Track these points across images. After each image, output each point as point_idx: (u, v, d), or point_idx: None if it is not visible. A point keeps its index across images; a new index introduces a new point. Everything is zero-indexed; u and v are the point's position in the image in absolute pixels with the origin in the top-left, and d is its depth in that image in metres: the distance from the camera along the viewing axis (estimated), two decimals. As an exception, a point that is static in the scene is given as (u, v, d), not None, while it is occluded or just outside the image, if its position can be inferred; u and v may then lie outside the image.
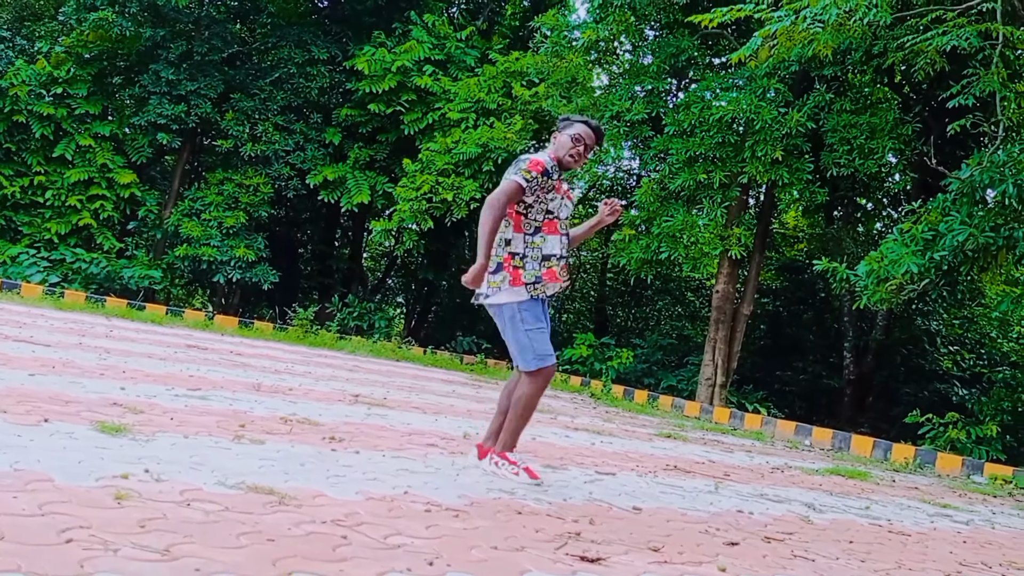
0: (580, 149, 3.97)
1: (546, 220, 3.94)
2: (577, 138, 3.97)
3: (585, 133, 3.99)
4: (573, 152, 3.96)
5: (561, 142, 3.99)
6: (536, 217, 3.92)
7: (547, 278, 3.94)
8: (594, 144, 4.03)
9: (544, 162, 3.87)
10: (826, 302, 19.03)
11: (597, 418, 9.63)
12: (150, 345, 9.04)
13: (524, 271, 3.92)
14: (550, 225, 3.95)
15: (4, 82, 17.50)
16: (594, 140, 4.03)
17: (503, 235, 3.96)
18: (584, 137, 3.98)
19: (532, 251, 3.93)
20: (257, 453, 3.62)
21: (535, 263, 3.92)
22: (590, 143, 4.00)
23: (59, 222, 18.27)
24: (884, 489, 7.03)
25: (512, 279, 3.92)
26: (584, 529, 3.12)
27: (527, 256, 3.92)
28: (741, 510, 4.32)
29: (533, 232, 3.93)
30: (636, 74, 15.34)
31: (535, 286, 3.92)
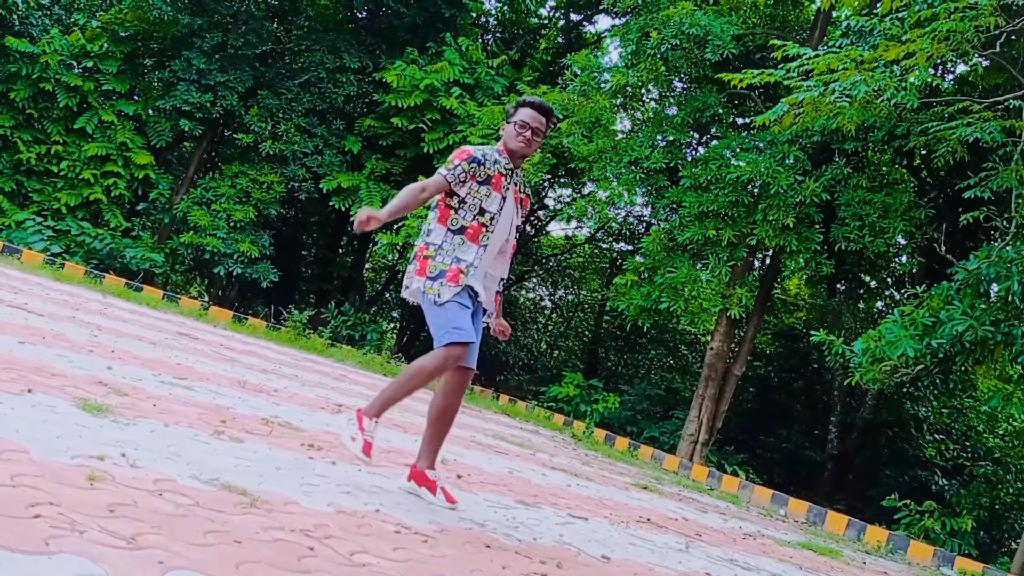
0: (527, 134, 3.72)
1: (473, 223, 3.68)
2: (522, 124, 3.73)
3: (530, 116, 3.74)
4: (520, 139, 3.73)
5: (507, 132, 3.77)
6: (465, 216, 3.69)
7: (449, 277, 3.62)
8: (544, 124, 3.77)
9: (472, 151, 3.69)
10: (818, 373, 19.01)
11: (576, 460, 9.57)
12: (142, 328, 9.02)
13: (432, 261, 3.68)
14: (475, 230, 3.68)
15: (37, 48, 17.66)
16: (542, 120, 3.76)
17: (427, 226, 3.79)
18: (529, 121, 3.73)
19: (448, 246, 3.69)
20: (234, 451, 3.59)
21: (446, 257, 3.67)
22: (537, 125, 3.74)
23: (70, 193, 18.34)
24: (854, 570, 6.97)
25: (419, 268, 3.71)
26: (551, 572, 3.09)
27: (442, 248, 3.69)
28: (709, 573, 4.28)
29: (457, 230, 3.70)
30: (659, 123, 15.48)
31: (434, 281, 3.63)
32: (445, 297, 3.60)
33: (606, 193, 15.95)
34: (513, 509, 4.37)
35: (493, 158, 3.74)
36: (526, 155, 3.79)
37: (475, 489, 4.64)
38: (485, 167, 3.69)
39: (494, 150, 3.78)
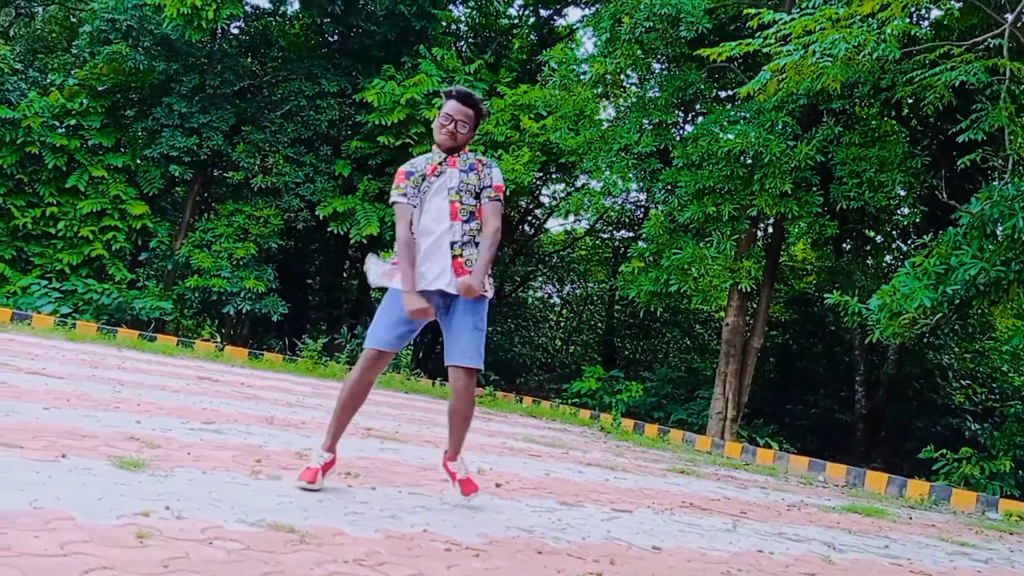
0: (450, 127, 3.78)
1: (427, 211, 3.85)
2: (446, 116, 3.80)
3: (453, 109, 3.78)
4: (443, 132, 3.81)
5: (434, 127, 3.87)
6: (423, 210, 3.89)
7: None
8: (468, 114, 3.80)
9: (404, 168, 3.88)
10: (836, 335, 18.95)
11: (609, 453, 9.55)
12: (162, 377, 9.04)
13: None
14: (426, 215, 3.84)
15: (17, 113, 17.69)
16: (466, 111, 3.80)
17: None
18: (452, 113, 3.78)
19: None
20: (275, 489, 3.59)
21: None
22: (461, 116, 3.78)
23: (71, 253, 18.38)
24: (901, 527, 6.93)
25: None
26: (605, 570, 3.08)
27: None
28: (761, 550, 4.24)
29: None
30: (643, 107, 15.45)
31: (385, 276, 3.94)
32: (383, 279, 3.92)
33: (600, 184, 15.93)
34: (557, 511, 4.36)
35: (421, 162, 3.89)
36: (453, 146, 3.83)
37: (516, 496, 4.63)
38: (416, 173, 3.85)
39: (423, 155, 3.93)
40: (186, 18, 17.46)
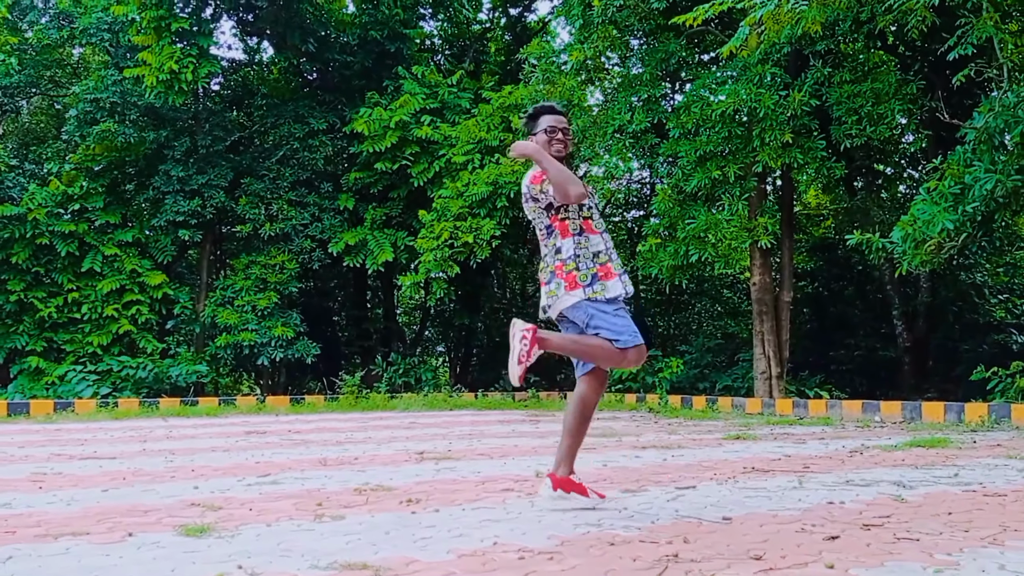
0: (559, 136, 3.96)
1: (583, 220, 3.95)
2: (550, 130, 3.96)
3: (554, 120, 3.99)
4: (553, 140, 3.95)
5: (542, 142, 3.97)
6: (575, 218, 3.94)
7: (603, 275, 3.88)
8: (566, 122, 4.02)
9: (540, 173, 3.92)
10: (865, 274, 18.75)
11: (662, 432, 9.52)
12: (211, 438, 9.13)
13: (579, 272, 3.89)
14: (587, 224, 3.96)
15: (22, 208, 17.89)
16: (563, 120, 4.03)
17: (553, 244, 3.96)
18: (556, 124, 3.98)
19: (582, 251, 3.90)
20: (340, 529, 3.62)
21: (587, 261, 3.90)
22: (561, 125, 3.99)
23: (100, 334, 18.58)
24: (967, 452, 6.86)
25: (567, 284, 3.90)
26: (680, 549, 3.06)
27: (579, 256, 3.90)
28: (831, 501, 4.21)
29: (579, 232, 3.93)
30: (630, 85, 15.39)
31: (592, 288, 3.87)
32: (611, 293, 3.88)
33: (601, 169, 15.88)
34: (621, 499, 4.36)
35: None
36: (565, 156, 4.00)
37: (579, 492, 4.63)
38: None
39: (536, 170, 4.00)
40: (166, 84, 17.64)
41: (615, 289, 3.88)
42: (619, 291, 3.88)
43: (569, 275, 3.88)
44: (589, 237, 3.92)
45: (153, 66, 17.55)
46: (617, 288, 3.88)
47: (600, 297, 3.85)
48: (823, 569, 2.76)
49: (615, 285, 3.88)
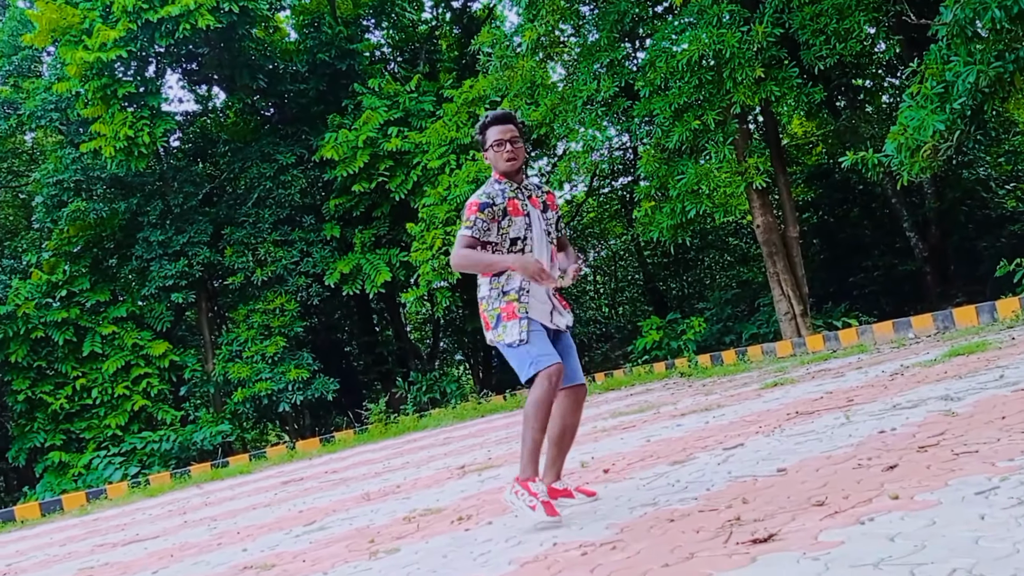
0: (507, 149, 3.70)
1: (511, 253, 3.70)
2: (498, 143, 3.71)
3: (499, 132, 3.72)
4: (505, 158, 3.70)
5: (491, 159, 3.75)
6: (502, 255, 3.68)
7: (505, 316, 3.63)
8: (513, 130, 3.74)
9: (477, 200, 3.65)
10: (867, 193, 18.52)
11: (697, 395, 9.35)
12: (249, 497, 8.98)
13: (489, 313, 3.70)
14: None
15: (9, 306, 17.65)
16: (510, 128, 3.75)
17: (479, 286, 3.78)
18: (501, 136, 3.71)
19: (494, 290, 3.69)
20: (398, 563, 3.49)
21: (495, 301, 3.67)
22: (509, 136, 3.71)
23: (115, 415, 18.37)
24: (1008, 351, 6.70)
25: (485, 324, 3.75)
26: (741, 511, 2.97)
27: (490, 296, 3.70)
28: (882, 430, 4.09)
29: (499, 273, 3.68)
30: (590, 54, 15.15)
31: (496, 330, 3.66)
32: (512, 338, 3.60)
33: (579, 143, 15.71)
34: (671, 473, 4.22)
35: (497, 191, 3.70)
36: (519, 167, 3.77)
37: (627, 474, 4.52)
38: (495, 205, 3.67)
39: (492, 183, 3.74)
40: (125, 152, 17.43)
41: (512, 334, 3.60)
42: (515, 337, 3.58)
43: (483, 316, 3.74)
44: (512, 274, 3.65)
45: (108, 136, 17.34)
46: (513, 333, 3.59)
47: (501, 341, 3.64)
48: (888, 501, 2.67)
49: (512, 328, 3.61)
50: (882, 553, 2.12)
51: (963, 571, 1.88)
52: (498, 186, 3.72)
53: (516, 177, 3.76)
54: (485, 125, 3.77)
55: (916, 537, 2.21)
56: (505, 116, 3.77)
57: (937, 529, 2.25)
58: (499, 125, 3.74)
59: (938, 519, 2.34)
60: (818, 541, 2.38)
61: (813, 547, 2.32)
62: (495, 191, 3.70)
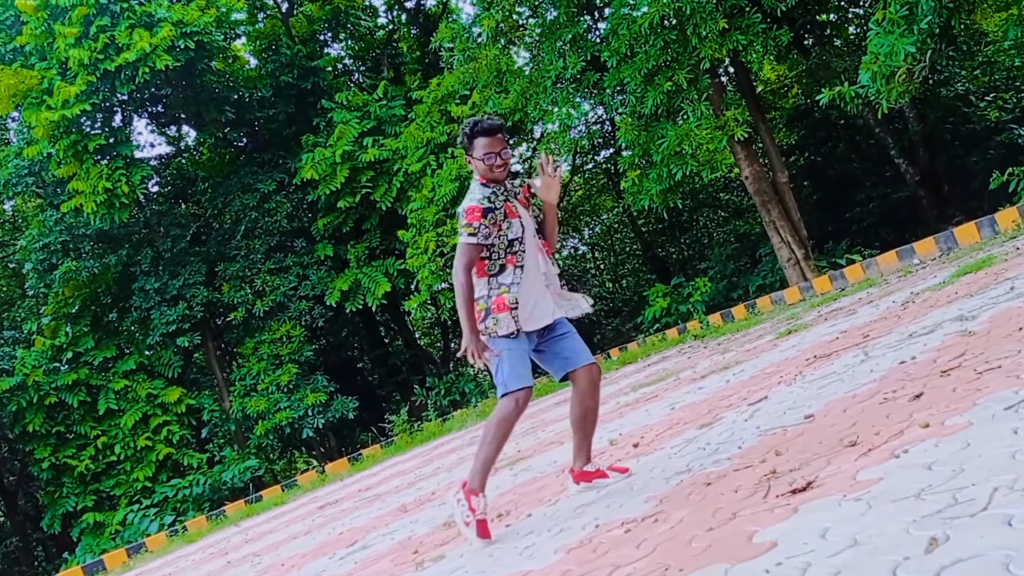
0: (495, 158, 3.64)
1: (507, 257, 3.68)
2: (488, 155, 3.64)
3: (489, 143, 3.65)
4: (493, 167, 3.64)
5: (479, 168, 3.68)
6: (498, 256, 3.67)
7: (495, 307, 3.62)
8: (499, 139, 3.68)
9: (478, 205, 3.60)
10: (850, 127, 18.43)
11: (714, 355, 9.32)
12: (288, 527, 8.98)
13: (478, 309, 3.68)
14: (511, 260, 3.69)
15: (17, 376, 17.64)
16: (496, 136, 3.69)
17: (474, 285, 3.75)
18: (491, 147, 3.65)
19: (492, 290, 3.67)
20: (445, 569, 3.46)
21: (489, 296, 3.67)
22: (499, 146, 3.66)
23: (141, 467, 18.35)
24: (1015, 262, 6.67)
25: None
26: (776, 464, 2.94)
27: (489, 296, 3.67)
28: (903, 360, 4.04)
29: (497, 272, 3.68)
30: (551, 32, 15.05)
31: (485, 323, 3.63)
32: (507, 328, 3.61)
33: (555, 124, 15.64)
34: (701, 437, 4.20)
35: (492, 194, 3.67)
36: (504, 178, 3.72)
37: (656, 446, 4.50)
38: (497, 210, 3.64)
39: (481, 188, 3.69)
40: (107, 205, 17.36)
41: (505, 326, 3.60)
42: (510, 328, 3.59)
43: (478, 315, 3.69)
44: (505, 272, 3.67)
45: (87, 192, 17.26)
46: (507, 325, 3.60)
47: (493, 333, 3.61)
48: (919, 431, 2.63)
49: (505, 320, 3.60)
50: (921, 483, 2.10)
51: (1004, 488, 1.86)
52: (487, 189, 3.67)
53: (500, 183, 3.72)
54: (474, 133, 3.67)
55: (953, 462, 2.18)
56: (494, 127, 3.69)
57: (972, 451, 2.22)
58: (488, 136, 3.67)
59: (972, 440, 2.31)
60: (856, 481, 2.35)
61: (852, 488, 2.30)
62: (491, 195, 3.66)
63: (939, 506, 1.90)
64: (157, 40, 17.02)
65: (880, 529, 1.90)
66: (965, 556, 1.59)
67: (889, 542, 1.80)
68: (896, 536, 1.82)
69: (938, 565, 1.59)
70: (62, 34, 17.19)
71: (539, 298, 3.73)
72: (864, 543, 1.85)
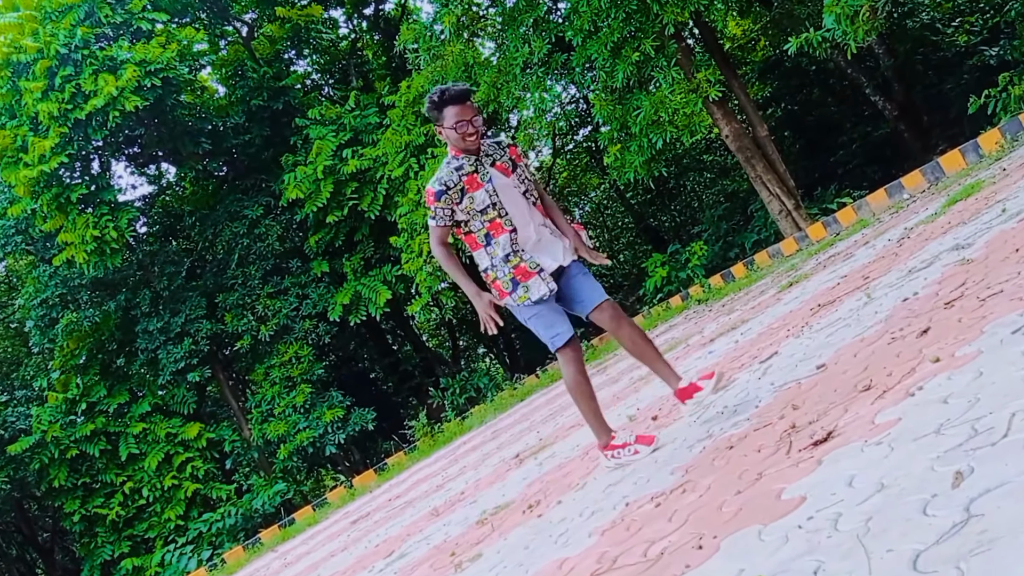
0: (467, 127, 3.58)
1: (488, 224, 3.67)
2: (460, 124, 3.59)
3: (459, 111, 3.59)
4: (465, 136, 3.58)
5: (450, 137, 3.62)
6: (480, 226, 3.67)
7: (520, 277, 3.66)
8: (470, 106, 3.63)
9: (432, 189, 3.60)
10: (822, 71, 18.41)
11: (720, 316, 9.35)
12: (325, 545, 9.02)
13: (500, 280, 3.70)
14: (494, 226, 3.68)
15: (36, 434, 17.76)
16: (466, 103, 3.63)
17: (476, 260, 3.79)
18: (462, 115, 3.59)
19: (494, 259, 3.70)
20: (484, 567, 3.45)
21: (503, 268, 3.69)
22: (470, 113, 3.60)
23: (172, 507, 18.47)
24: (1003, 184, 6.67)
25: (499, 292, 3.73)
26: (795, 418, 2.93)
27: (495, 265, 3.70)
28: (905, 298, 4.02)
29: (486, 242, 3.71)
30: (512, 19, 15.04)
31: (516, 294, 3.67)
32: (540, 292, 3.66)
33: (530, 109, 15.65)
34: (717, 401, 4.21)
35: (450, 172, 3.62)
36: (479, 143, 3.66)
37: (674, 416, 4.50)
38: (451, 189, 3.61)
39: (448, 162, 3.65)
40: (98, 253, 17.42)
41: (538, 290, 3.65)
42: (543, 291, 3.64)
43: (495, 284, 3.72)
44: (497, 240, 3.67)
45: (76, 243, 17.33)
46: (539, 288, 3.65)
47: (526, 302, 3.66)
48: (931, 366, 2.61)
49: (536, 285, 3.66)
50: (940, 418, 2.10)
51: (1022, 412, 1.85)
52: (454, 163, 3.63)
53: (474, 152, 3.66)
54: (443, 102, 3.60)
55: (968, 393, 2.17)
56: (463, 93, 3.63)
57: (986, 379, 2.21)
58: (458, 104, 3.61)
59: (984, 369, 2.29)
60: (876, 425, 2.35)
61: (872, 432, 2.30)
62: (448, 174, 3.62)
63: (960, 439, 1.90)
64: (123, 82, 17.00)
65: (905, 470, 1.90)
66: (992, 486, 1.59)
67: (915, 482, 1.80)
68: (921, 475, 1.82)
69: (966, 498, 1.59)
70: (28, 90, 17.19)
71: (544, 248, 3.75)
72: (891, 486, 1.85)
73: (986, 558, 1.35)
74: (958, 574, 1.34)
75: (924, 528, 1.58)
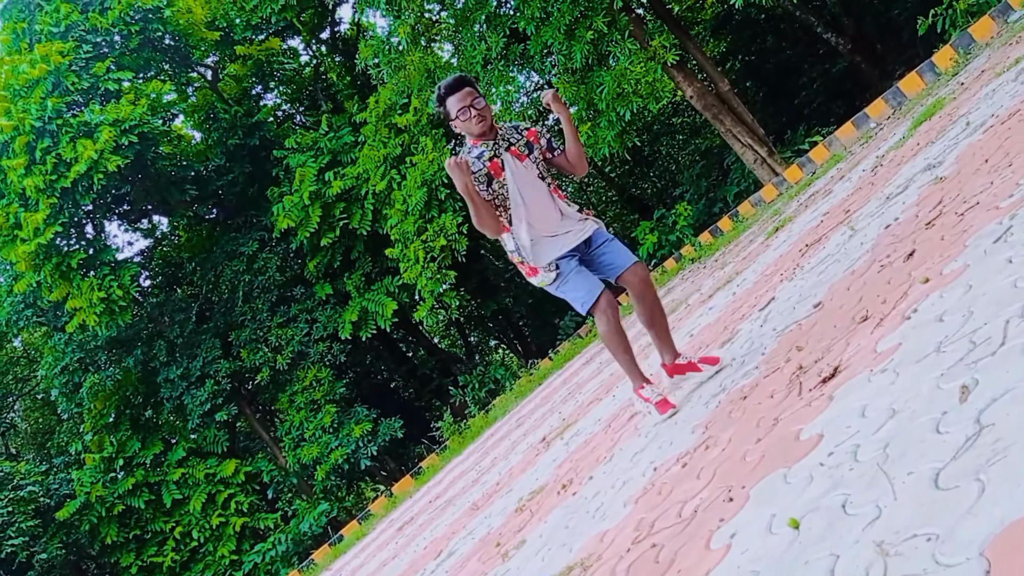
0: (471, 113, 3.59)
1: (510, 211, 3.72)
2: (462, 111, 3.61)
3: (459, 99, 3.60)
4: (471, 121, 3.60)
5: (460, 127, 3.66)
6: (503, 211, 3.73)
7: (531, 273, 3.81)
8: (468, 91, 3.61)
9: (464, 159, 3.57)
10: (772, 18, 18.52)
11: (714, 271, 9.43)
12: (375, 556, 9.12)
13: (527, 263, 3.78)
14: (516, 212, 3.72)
15: (80, 497, 18.20)
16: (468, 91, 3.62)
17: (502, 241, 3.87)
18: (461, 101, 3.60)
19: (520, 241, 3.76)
20: (530, 552, 3.45)
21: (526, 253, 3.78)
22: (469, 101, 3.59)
23: (223, 543, 18.88)
24: (963, 98, 6.71)
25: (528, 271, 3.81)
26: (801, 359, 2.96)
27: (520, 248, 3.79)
28: (887, 224, 4.06)
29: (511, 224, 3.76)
30: (465, 19, 15.18)
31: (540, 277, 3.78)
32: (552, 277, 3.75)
33: (497, 103, 15.80)
34: (726, 354, 4.18)
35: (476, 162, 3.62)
36: (488, 126, 3.65)
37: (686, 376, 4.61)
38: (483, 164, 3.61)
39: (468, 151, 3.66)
40: (107, 313, 17.78)
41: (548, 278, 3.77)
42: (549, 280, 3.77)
43: (523, 267, 3.81)
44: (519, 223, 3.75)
45: (85, 307, 17.72)
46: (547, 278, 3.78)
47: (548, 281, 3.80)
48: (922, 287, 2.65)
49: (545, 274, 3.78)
50: (938, 336, 2.11)
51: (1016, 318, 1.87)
52: (475, 151, 3.61)
53: (490, 134, 3.64)
54: (442, 97, 3.64)
55: (961, 308, 2.19)
56: (458, 82, 3.62)
57: (976, 291, 2.22)
58: (456, 93, 3.61)
59: (972, 281, 2.31)
60: (878, 353, 2.36)
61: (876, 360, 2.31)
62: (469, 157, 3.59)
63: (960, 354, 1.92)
64: (101, 145, 17.22)
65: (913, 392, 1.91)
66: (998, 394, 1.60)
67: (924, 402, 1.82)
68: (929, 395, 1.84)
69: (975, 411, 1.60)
70: (11, 168, 17.41)
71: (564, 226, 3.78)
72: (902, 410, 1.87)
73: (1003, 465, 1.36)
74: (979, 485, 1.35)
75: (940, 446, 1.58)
